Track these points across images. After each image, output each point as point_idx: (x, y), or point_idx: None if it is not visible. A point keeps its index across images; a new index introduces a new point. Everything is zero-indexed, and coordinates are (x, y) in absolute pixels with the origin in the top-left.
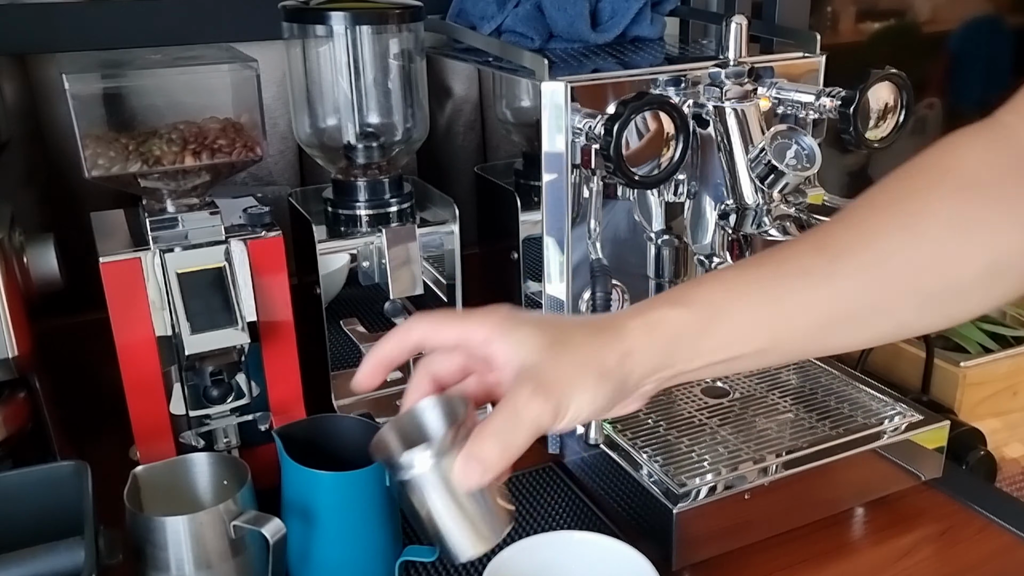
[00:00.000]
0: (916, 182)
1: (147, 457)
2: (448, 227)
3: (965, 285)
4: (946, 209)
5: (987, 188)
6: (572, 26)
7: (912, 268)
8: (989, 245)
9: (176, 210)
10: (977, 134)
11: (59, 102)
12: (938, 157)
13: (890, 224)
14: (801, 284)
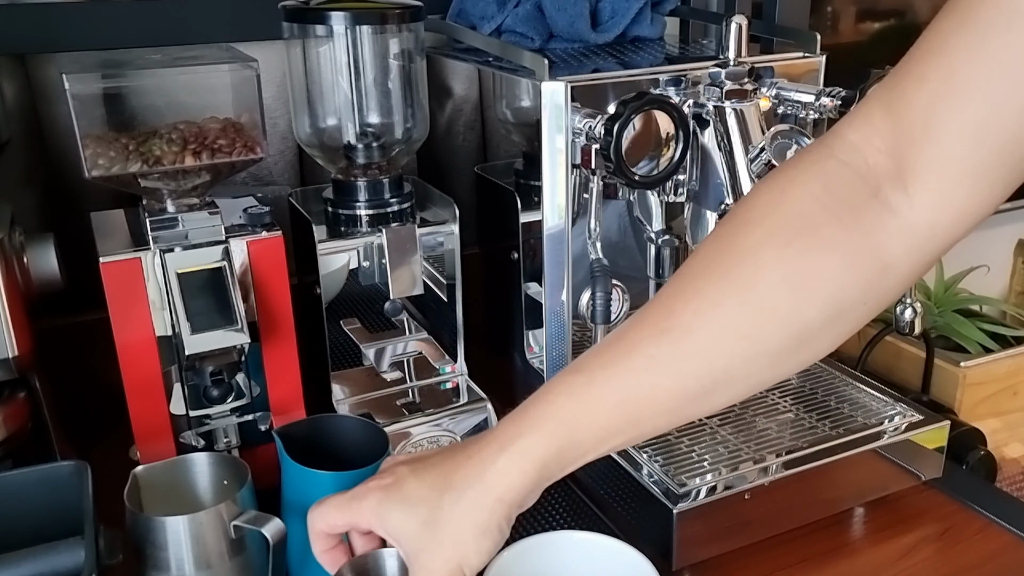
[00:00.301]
0: (749, 238)
1: (147, 457)
2: (448, 227)
3: (810, 333)
4: (781, 267)
5: (820, 233)
6: (572, 26)
7: (756, 332)
8: (826, 294)
9: (176, 210)
10: (814, 167)
11: (59, 102)
12: (771, 201)
13: (727, 293)
14: (650, 376)
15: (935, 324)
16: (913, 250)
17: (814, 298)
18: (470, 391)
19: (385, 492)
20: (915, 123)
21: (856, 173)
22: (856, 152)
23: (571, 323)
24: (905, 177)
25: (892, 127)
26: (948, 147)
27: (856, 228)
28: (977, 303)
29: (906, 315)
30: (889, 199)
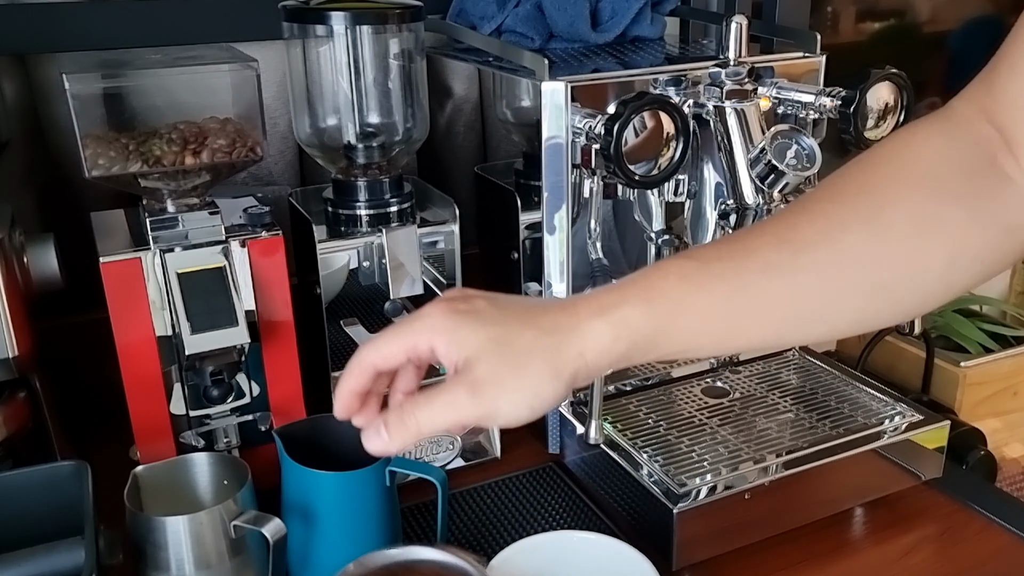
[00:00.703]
0: (878, 176)
1: (147, 457)
2: (448, 227)
3: (925, 279)
4: (908, 205)
5: (945, 184)
6: (572, 26)
7: (874, 263)
8: (949, 241)
9: (176, 210)
10: (933, 126)
11: (59, 102)
12: (898, 150)
13: (853, 219)
14: (763, 280)
15: (935, 324)
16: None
17: (936, 242)
18: None
19: (455, 311)
20: (1009, 96)
21: (973, 139)
22: (969, 122)
23: None
24: (1015, 150)
25: (988, 99)
26: None
27: (980, 187)
28: (977, 303)
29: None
30: (1004, 167)
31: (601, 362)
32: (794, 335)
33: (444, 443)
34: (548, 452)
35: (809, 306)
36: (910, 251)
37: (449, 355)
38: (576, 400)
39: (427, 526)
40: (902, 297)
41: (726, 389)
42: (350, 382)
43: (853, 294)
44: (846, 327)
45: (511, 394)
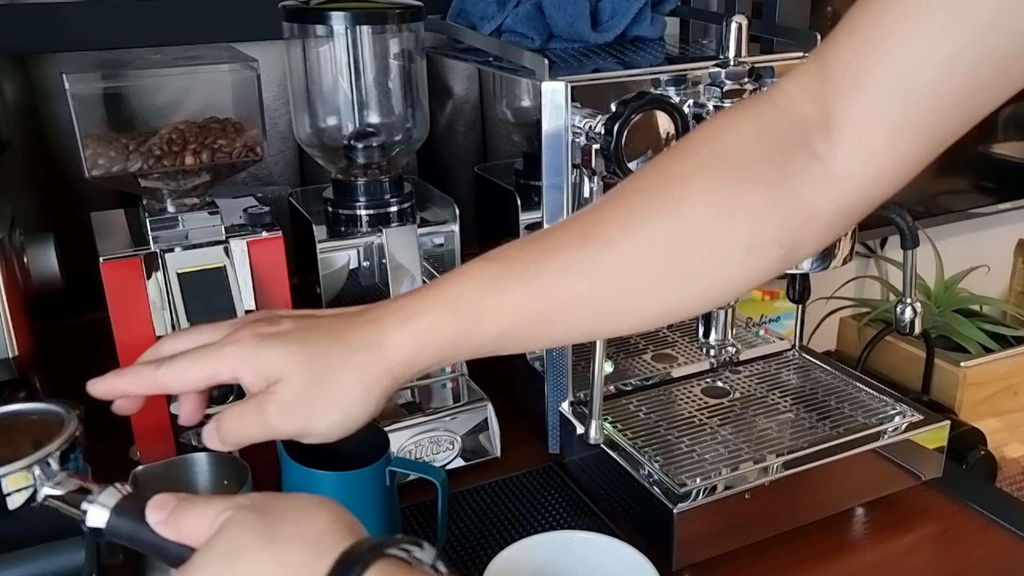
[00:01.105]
0: (684, 165)
1: (147, 457)
2: (448, 227)
3: (727, 267)
4: (709, 193)
5: (750, 169)
6: (572, 26)
7: (675, 254)
8: (750, 227)
9: (176, 210)
10: (751, 109)
11: (59, 102)
12: (709, 136)
13: (654, 212)
14: (565, 279)
15: (935, 324)
16: (834, 200)
17: (735, 229)
18: (470, 391)
19: (260, 336)
20: (841, 72)
21: (789, 119)
22: (790, 100)
23: None
24: (830, 126)
25: (821, 77)
26: (871, 97)
27: (784, 169)
28: (977, 303)
29: (906, 315)
30: (816, 147)
31: (409, 373)
32: (603, 329)
33: (444, 443)
34: (548, 452)
35: (613, 301)
36: (710, 241)
37: (256, 383)
38: (576, 400)
39: (427, 526)
40: (706, 286)
41: (726, 389)
42: (128, 384)
43: (656, 287)
44: (655, 318)
45: (321, 416)
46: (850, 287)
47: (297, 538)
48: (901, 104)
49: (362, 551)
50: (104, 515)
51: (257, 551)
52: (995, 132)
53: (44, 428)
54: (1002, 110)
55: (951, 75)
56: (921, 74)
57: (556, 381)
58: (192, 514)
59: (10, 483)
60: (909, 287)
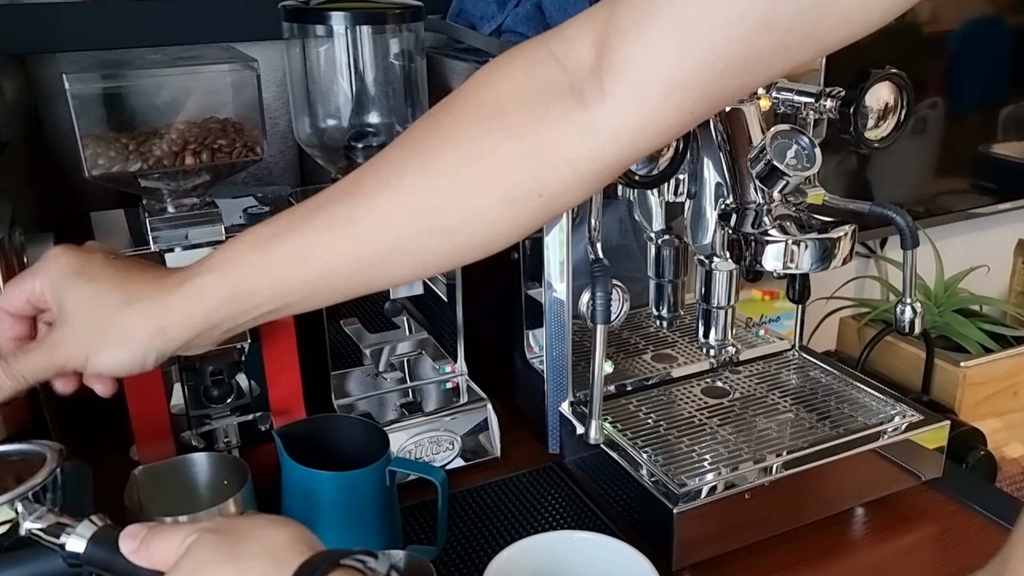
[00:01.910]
0: (447, 116)
1: (147, 457)
2: None
3: (484, 217)
4: (461, 143)
5: (507, 119)
6: None
7: (429, 205)
8: (502, 176)
9: (176, 210)
10: (522, 56)
11: (59, 102)
12: (476, 84)
13: (410, 164)
14: (327, 236)
15: (935, 324)
16: (594, 149)
17: (487, 179)
18: (470, 391)
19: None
20: (627, 17)
21: (560, 65)
22: (568, 44)
23: (571, 323)
24: (603, 73)
25: (607, 20)
26: (653, 46)
27: (543, 117)
28: (977, 303)
29: (906, 315)
30: (584, 94)
31: (183, 334)
32: (374, 280)
33: (444, 443)
34: (548, 452)
35: (376, 253)
36: (462, 190)
37: (51, 304)
38: (576, 400)
39: (427, 526)
40: (465, 236)
41: (726, 389)
42: None
43: (415, 238)
44: (420, 269)
45: (98, 353)
46: (850, 287)
47: (258, 553)
48: (682, 57)
49: (319, 562)
50: (81, 545)
51: (220, 566)
52: (995, 132)
53: (26, 467)
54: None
55: (735, 36)
56: (706, 30)
57: (556, 381)
58: (161, 541)
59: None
60: (909, 287)
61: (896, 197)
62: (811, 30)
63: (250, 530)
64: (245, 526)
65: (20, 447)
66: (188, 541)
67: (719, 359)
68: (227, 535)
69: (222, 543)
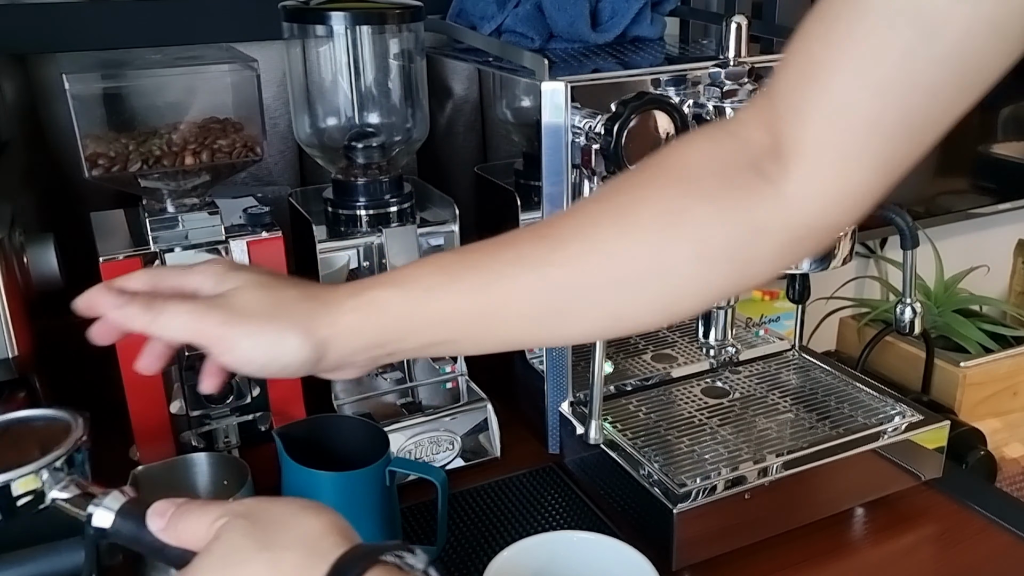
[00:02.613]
0: (638, 177)
1: (147, 457)
2: (448, 227)
3: (674, 275)
4: (657, 202)
5: (698, 183)
6: (572, 26)
7: (621, 257)
8: (694, 237)
9: (176, 210)
10: (706, 132)
11: (59, 102)
12: (666, 154)
13: (605, 216)
14: (515, 271)
15: (935, 324)
16: (784, 220)
17: (681, 238)
18: (470, 391)
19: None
20: (785, 105)
21: (740, 142)
22: (744, 127)
23: None
24: (782, 154)
25: (771, 108)
26: (814, 129)
27: (732, 185)
28: (977, 303)
29: (906, 315)
30: (766, 169)
31: (353, 341)
32: (549, 332)
33: (444, 443)
34: (548, 452)
35: (560, 300)
36: (655, 246)
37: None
38: (576, 400)
39: (427, 526)
40: (653, 294)
41: (726, 389)
42: (113, 313)
43: (603, 288)
44: (601, 325)
45: (256, 335)
46: (850, 287)
47: (291, 543)
48: (844, 134)
49: (356, 557)
50: (109, 518)
51: (252, 556)
52: (995, 132)
53: (51, 434)
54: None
55: (885, 104)
56: (856, 104)
57: (556, 381)
58: (189, 521)
59: (19, 487)
60: (909, 287)
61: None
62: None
63: (283, 517)
64: (277, 512)
65: (44, 412)
66: (218, 524)
67: (719, 359)
68: (259, 521)
69: (253, 530)
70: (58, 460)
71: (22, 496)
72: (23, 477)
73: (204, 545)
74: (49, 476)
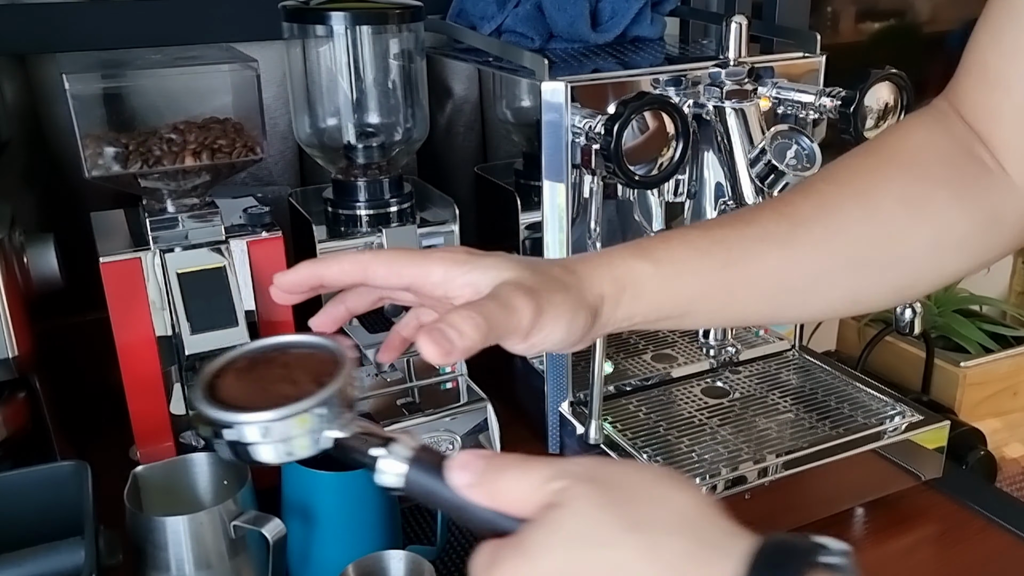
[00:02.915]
0: (869, 161)
1: (147, 457)
2: (448, 227)
3: (913, 259)
4: (896, 186)
5: (930, 169)
6: (572, 26)
7: (865, 240)
8: (934, 222)
9: (176, 210)
10: (918, 119)
11: (59, 102)
12: (887, 139)
13: (845, 198)
14: (761, 247)
15: (935, 324)
16: (1020, 210)
17: (923, 222)
18: (470, 391)
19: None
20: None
21: (952, 132)
22: (947, 117)
23: None
24: (988, 145)
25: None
26: (1007, 128)
27: (962, 173)
28: (977, 303)
29: (906, 315)
30: (986, 160)
31: (610, 312)
32: (789, 309)
33: (444, 443)
34: (548, 452)
35: (803, 278)
36: (898, 229)
37: (477, 282)
38: (576, 400)
39: (427, 526)
40: (891, 278)
41: (726, 389)
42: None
43: (844, 269)
44: (838, 305)
45: (559, 317)
46: None
47: (668, 525)
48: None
49: (785, 556)
50: (401, 468)
51: (619, 538)
52: None
53: (317, 364)
54: None
55: None
56: None
57: (556, 381)
58: (508, 478)
59: (297, 424)
60: None
61: None
62: None
63: (641, 488)
64: (632, 481)
65: (306, 339)
66: (553, 487)
67: (719, 359)
68: (612, 490)
69: (612, 503)
70: (336, 395)
71: (299, 436)
72: (296, 415)
73: (536, 512)
74: (328, 412)
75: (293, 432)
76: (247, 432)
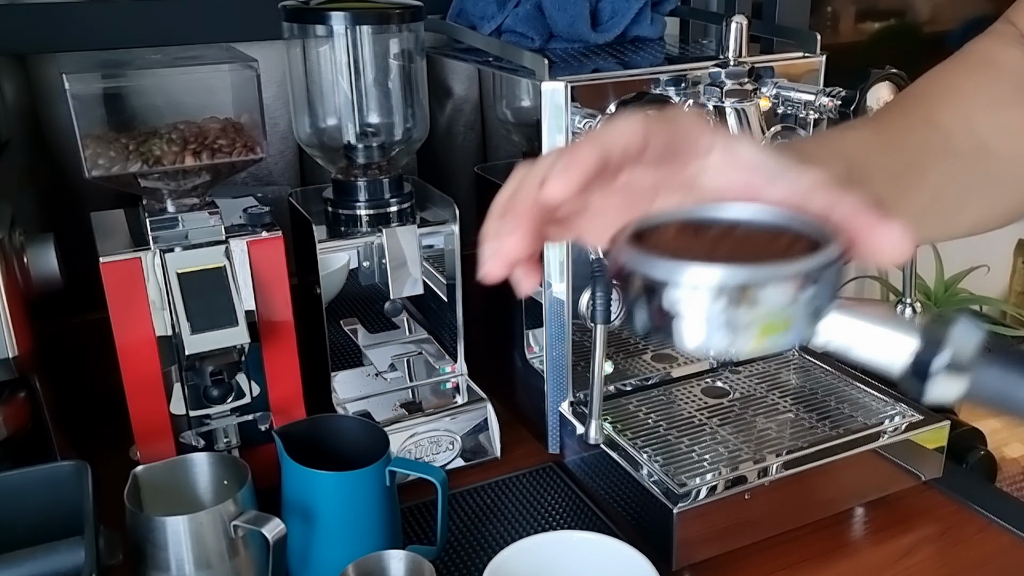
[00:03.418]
0: (980, 76)
1: (147, 457)
2: (448, 227)
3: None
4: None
5: None
6: (572, 26)
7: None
8: None
9: (176, 210)
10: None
11: (59, 102)
12: (984, 56)
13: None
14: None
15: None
16: None
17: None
18: (470, 391)
19: None
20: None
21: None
22: (1011, 36)
23: (571, 323)
24: None
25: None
26: None
27: None
28: (977, 303)
29: (906, 315)
30: None
31: None
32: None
33: (444, 443)
34: (548, 452)
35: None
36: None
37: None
38: (576, 400)
39: (427, 526)
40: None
41: (726, 389)
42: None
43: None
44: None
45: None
46: (850, 287)
47: None
48: None
49: None
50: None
51: None
52: None
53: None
54: None
55: None
56: None
57: (556, 381)
58: None
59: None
60: (909, 287)
61: None
62: None
63: None
64: None
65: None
66: None
67: (719, 359)
68: None
69: None
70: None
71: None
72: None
73: None
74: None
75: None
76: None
